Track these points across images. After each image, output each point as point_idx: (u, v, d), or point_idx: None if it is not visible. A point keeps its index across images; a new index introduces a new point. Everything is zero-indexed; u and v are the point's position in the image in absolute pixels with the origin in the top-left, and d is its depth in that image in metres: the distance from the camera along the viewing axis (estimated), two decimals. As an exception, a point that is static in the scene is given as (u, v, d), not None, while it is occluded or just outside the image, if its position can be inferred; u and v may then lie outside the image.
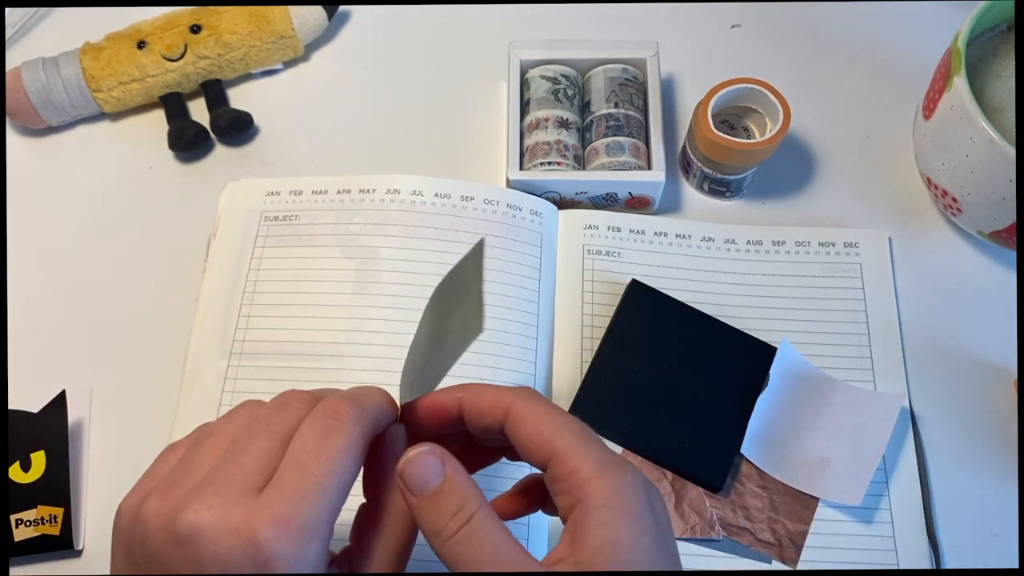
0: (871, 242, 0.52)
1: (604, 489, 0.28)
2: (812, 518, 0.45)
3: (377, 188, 0.52)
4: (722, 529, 0.44)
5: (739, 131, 0.54)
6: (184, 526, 0.26)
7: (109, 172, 0.55)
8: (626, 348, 0.48)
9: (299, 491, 0.27)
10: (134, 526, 0.28)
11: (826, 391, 0.47)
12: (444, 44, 0.60)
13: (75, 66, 0.54)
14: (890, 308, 0.50)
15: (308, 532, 0.27)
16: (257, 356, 0.48)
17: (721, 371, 0.47)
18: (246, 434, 0.29)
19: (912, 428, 0.47)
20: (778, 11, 0.61)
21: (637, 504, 0.29)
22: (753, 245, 0.52)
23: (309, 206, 0.52)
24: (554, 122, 0.52)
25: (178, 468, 0.29)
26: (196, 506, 0.26)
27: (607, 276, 0.51)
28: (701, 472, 0.45)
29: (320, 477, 0.27)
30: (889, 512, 0.45)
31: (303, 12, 0.57)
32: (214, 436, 0.30)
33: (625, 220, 0.52)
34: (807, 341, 0.49)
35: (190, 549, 0.26)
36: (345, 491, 0.28)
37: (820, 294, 0.51)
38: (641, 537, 0.28)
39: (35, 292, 0.51)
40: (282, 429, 0.29)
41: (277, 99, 0.58)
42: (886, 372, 0.49)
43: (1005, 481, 0.46)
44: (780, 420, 0.46)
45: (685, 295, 0.50)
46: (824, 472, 0.45)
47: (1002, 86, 0.48)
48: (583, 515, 0.28)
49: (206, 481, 0.28)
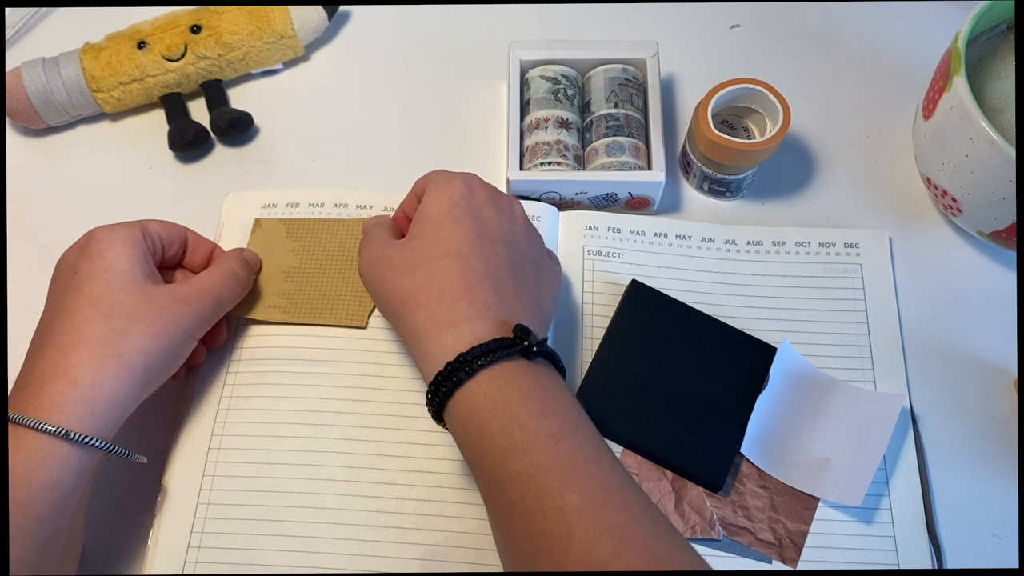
0: (871, 243, 0.52)
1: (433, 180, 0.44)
2: (812, 518, 0.45)
3: (374, 205, 0.53)
4: (722, 529, 0.44)
5: (739, 131, 0.54)
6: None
7: (109, 172, 0.55)
8: (626, 348, 0.48)
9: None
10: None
11: (826, 391, 0.47)
12: (444, 44, 0.60)
13: (75, 66, 0.54)
14: (890, 308, 0.50)
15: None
16: (256, 362, 0.48)
17: (721, 371, 0.47)
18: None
19: (912, 428, 0.47)
20: (778, 11, 0.61)
21: (450, 186, 0.42)
22: (753, 246, 0.52)
23: (306, 217, 0.52)
24: (554, 122, 0.52)
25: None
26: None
27: (607, 277, 0.51)
28: (702, 472, 0.45)
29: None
30: (890, 512, 0.45)
31: (303, 12, 0.57)
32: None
33: (625, 221, 0.52)
34: (807, 341, 0.49)
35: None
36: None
37: (820, 294, 0.51)
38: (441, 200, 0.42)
39: (33, 292, 0.51)
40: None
41: (277, 99, 0.58)
42: (886, 372, 0.48)
43: (1005, 481, 0.46)
44: (780, 420, 0.46)
45: (685, 295, 0.50)
46: (824, 472, 0.45)
47: (1002, 86, 0.48)
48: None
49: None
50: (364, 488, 0.45)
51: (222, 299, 0.45)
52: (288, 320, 0.49)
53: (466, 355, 0.37)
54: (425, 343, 0.38)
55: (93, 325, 0.39)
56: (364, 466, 0.45)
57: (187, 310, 0.42)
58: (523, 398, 0.36)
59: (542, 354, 0.38)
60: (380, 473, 0.45)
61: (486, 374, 0.36)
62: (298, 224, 0.52)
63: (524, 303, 0.40)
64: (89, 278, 0.41)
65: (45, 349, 0.39)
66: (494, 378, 0.36)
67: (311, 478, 0.45)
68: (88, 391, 0.38)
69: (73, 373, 0.38)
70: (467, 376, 0.36)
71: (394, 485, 0.45)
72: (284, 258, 0.51)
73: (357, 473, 0.45)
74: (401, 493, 0.45)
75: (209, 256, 0.48)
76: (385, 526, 0.44)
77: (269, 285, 0.50)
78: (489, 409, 0.36)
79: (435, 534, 0.44)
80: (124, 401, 0.39)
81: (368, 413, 0.47)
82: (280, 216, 0.52)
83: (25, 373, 0.39)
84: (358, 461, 0.45)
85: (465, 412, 0.37)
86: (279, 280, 0.50)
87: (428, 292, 0.39)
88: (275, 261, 0.51)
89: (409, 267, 0.40)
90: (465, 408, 0.37)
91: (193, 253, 0.47)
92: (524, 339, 0.37)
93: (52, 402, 0.37)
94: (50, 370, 0.38)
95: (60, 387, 0.37)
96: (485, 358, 0.36)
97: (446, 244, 0.40)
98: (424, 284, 0.39)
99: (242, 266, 0.47)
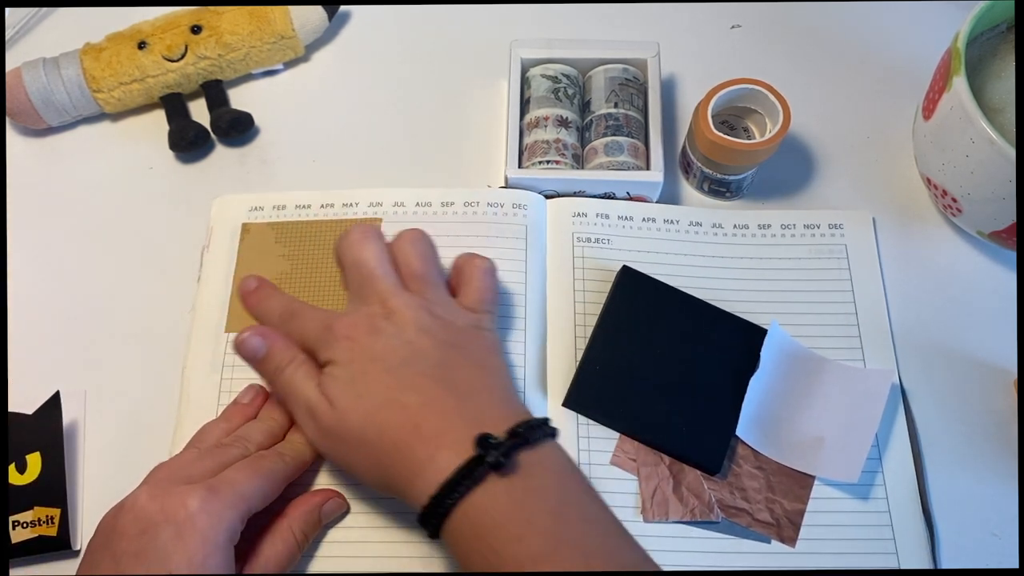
0: (856, 223, 0.53)
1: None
2: (808, 496, 0.45)
3: (360, 202, 0.53)
4: (721, 511, 0.44)
5: (739, 131, 0.54)
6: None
7: (109, 172, 0.55)
8: (619, 334, 0.48)
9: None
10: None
11: (817, 371, 0.48)
12: (444, 44, 0.60)
13: (76, 66, 0.54)
14: (877, 288, 0.51)
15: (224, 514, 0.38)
16: (249, 369, 0.48)
17: (714, 354, 0.48)
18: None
19: (903, 404, 0.47)
20: (778, 11, 0.61)
21: (336, 347, 0.41)
22: (740, 229, 0.52)
23: (294, 220, 0.52)
24: (554, 121, 0.52)
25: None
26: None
27: (598, 263, 0.51)
28: (699, 455, 0.45)
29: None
30: (884, 488, 0.45)
31: (303, 12, 0.57)
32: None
33: (613, 207, 0.52)
34: (796, 323, 0.49)
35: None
36: (250, 504, 0.39)
37: (807, 276, 0.51)
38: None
39: (32, 292, 0.51)
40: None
41: (277, 99, 0.58)
42: (875, 350, 0.49)
43: (1005, 481, 0.46)
44: (773, 401, 0.47)
45: (675, 280, 0.50)
46: (819, 450, 0.45)
47: (1002, 86, 0.48)
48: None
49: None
50: (365, 490, 0.45)
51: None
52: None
53: (436, 496, 0.36)
54: (407, 497, 0.38)
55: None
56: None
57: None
58: (495, 525, 0.36)
59: (520, 446, 0.37)
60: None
61: (458, 511, 0.36)
62: (286, 228, 0.52)
63: (471, 399, 0.39)
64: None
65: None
66: (465, 512, 0.36)
67: (309, 483, 0.45)
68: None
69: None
70: (441, 518, 0.36)
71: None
72: (275, 264, 0.51)
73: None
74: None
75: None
76: (387, 526, 0.44)
77: None
78: (468, 542, 0.36)
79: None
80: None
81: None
82: (268, 220, 0.52)
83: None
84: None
85: (451, 543, 0.37)
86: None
87: (385, 452, 0.38)
88: (266, 268, 0.50)
89: (357, 435, 0.39)
90: (449, 540, 0.37)
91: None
92: (485, 454, 0.36)
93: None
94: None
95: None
96: (453, 495, 0.36)
97: (370, 399, 0.39)
98: (378, 446, 0.38)
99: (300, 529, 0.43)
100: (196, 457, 0.41)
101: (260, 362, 0.43)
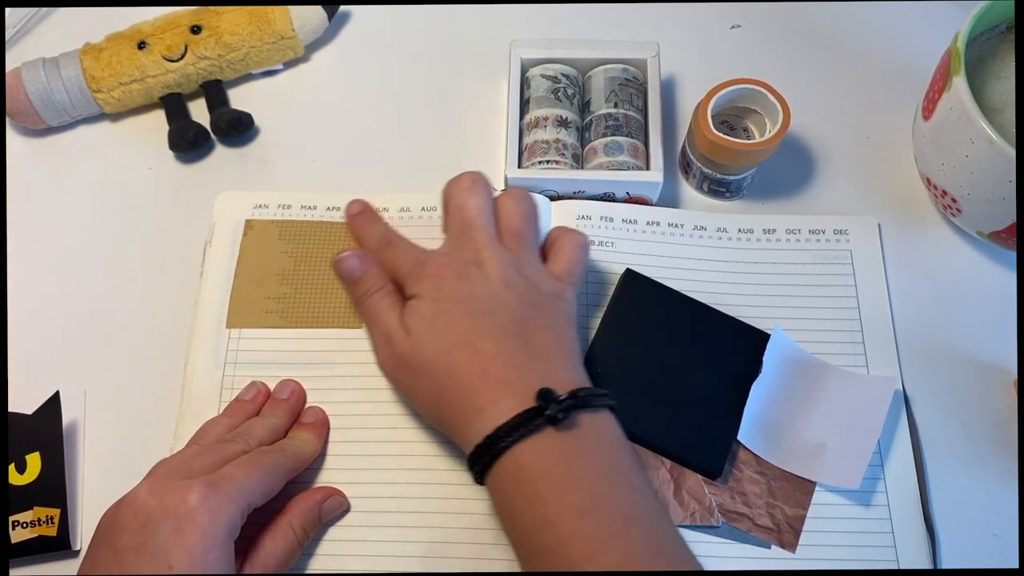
0: (861, 229, 0.52)
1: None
2: (809, 503, 0.45)
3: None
4: (721, 515, 0.44)
5: (739, 131, 0.54)
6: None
7: (109, 172, 0.55)
8: (622, 337, 0.48)
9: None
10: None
11: (820, 376, 0.47)
12: (444, 44, 0.60)
13: (75, 66, 0.54)
14: (881, 295, 0.50)
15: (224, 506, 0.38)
16: (251, 366, 0.48)
17: (716, 358, 0.48)
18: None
19: (906, 410, 0.47)
20: (778, 11, 0.61)
21: (425, 282, 0.43)
22: (744, 233, 0.52)
23: (299, 219, 0.52)
24: (553, 121, 0.52)
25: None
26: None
27: (601, 266, 0.51)
28: (700, 459, 0.45)
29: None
30: (885, 495, 0.45)
31: (303, 12, 0.57)
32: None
33: (617, 210, 0.52)
34: (800, 328, 0.49)
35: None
36: (250, 500, 0.39)
37: (811, 281, 0.51)
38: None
39: (31, 292, 0.51)
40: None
41: (277, 99, 0.58)
42: (878, 357, 0.49)
43: (1005, 481, 0.46)
44: (775, 406, 0.47)
45: (679, 284, 0.50)
46: (820, 456, 0.45)
47: (1002, 86, 0.48)
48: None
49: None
50: (365, 489, 0.45)
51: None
52: (284, 325, 0.49)
53: (491, 436, 0.38)
54: (461, 435, 0.40)
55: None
56: (364, 467, 0.45)
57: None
58: (544, 474, 0.37)
59: (579, 407, 0.39)
60: (379, 473, 0.45)
61: (510, 455, 0.38)
62: (291, 226, 0.52)
63: (541, 358, 0.41)
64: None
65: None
66: (516, 457, 0.38)
67: (309, 481, 0.45)
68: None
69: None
70: (492, 459, 0.38)
71: (394, 484, 0.45)
72: (278, 260, 0.51)
73: (357, 475, 0.45)
74: (401, 492, 0.45)
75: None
76: (386, 525, 0.44)
77: (263, 289, 0.50)
78: (515, 486, 0.38)
79: (435, 531, 0.44)
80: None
81: (366, 414, 0.47)
82: (272, 218, 0.52)
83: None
84: (357, 463, 0.45)
85: (496, 488, 0.39)
86: (273, 283, 0.50)
87: (450, 388, 0.40)
88: (268, 264, 0.50)
89: (428, 368, 0.41)
90: (495, 484, 0.39)
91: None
92: (546, 407, 0.38)
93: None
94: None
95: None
96: (508, 438, 0.38)
97: (447, 338, 0.41)
98: (445, 381, 0.40)
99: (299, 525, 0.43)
100: (197, 453, 0.41)
101: (353, 283, 0.45)
